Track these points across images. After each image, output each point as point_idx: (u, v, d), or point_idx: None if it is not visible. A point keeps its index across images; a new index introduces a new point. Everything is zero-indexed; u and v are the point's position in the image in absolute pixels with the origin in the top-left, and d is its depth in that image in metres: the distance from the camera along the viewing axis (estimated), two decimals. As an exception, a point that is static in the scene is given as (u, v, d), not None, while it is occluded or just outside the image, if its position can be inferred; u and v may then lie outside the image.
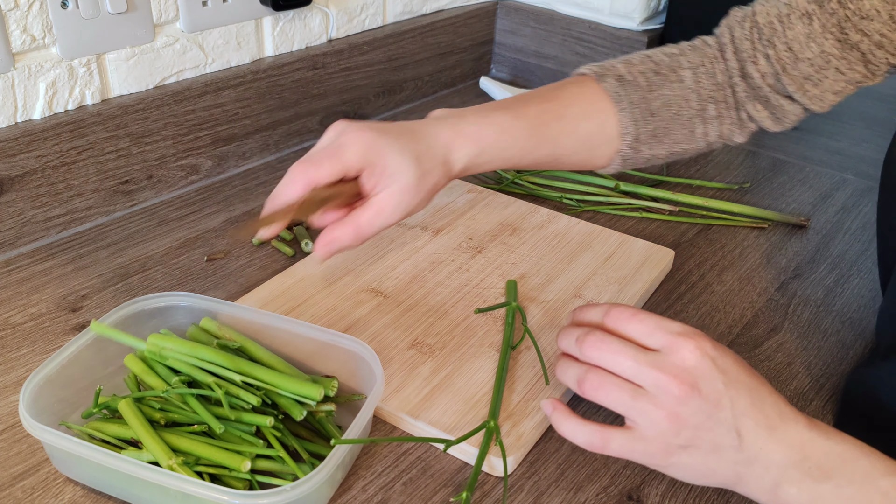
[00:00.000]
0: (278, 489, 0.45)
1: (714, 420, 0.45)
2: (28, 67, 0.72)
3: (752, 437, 0.45)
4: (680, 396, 0.45)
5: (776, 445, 0.45)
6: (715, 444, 0.45)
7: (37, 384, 0.51)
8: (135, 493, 0.51)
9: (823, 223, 0.88)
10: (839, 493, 0.43)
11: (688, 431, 0.45)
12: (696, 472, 0.47)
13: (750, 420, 0.45)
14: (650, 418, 0.46)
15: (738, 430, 0.45)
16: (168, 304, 0.60)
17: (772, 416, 0.45)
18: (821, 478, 0.44)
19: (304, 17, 0.94)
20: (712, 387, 0.45)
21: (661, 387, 0.45)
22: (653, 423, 0.46)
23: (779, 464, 0.45)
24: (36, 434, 0.49)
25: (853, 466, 0.44)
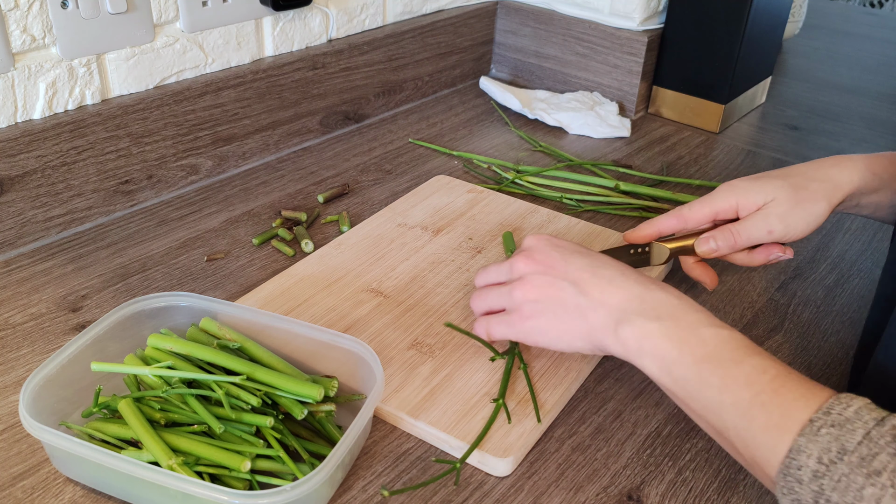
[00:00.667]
0: (278, 489, 0.45)
1: (551, 276, 0.54)
2: (28, 67, 0.72)
3: (592, 287, 0.53)
4: (521, 269, 0.56)
5: (616, 291, 0.52)
6: (558, 298, 0.54)
7: (37, 384, 0.51)
8: (134, 493, 0.51)
9: (824, 223, 0.88)
10: (666, 332, 0.49)
11: (532, 292, 0.55)
12: (555, 331, 0.54)
13: (586, 273, 0.53)
14: (510, 295, 0.56)
15: (574, 281, 0.53)
16: (168, 304, 0.60)
17: (610, 271, 0.53)
18: (653, 318, 0.50)
19: (304, 17, 0.94)
20: (546, 255, 0.56)
21: (511, 268, 0.57)
22: (511, 298, 0.56)
23: (618, 306, 0.51)
24: (36, 434, 0.49)
25: (682, 315, 0.50)
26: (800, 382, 0.45)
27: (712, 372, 0.47)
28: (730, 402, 0.46)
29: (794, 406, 0.44)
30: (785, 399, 0.44)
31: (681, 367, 0.48)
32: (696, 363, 0.48)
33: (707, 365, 0.47)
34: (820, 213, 0.63)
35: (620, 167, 0.97)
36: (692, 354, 0.48)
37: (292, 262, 0.76)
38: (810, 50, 1.47)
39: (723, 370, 0.47)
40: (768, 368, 0.46)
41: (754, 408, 0.45)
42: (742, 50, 1.04)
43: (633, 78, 1.10)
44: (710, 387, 0.47)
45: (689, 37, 1.08)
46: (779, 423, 0.44)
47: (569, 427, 0.59)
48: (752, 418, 0.45)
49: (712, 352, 0.48)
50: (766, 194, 0.63)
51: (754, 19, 1.03)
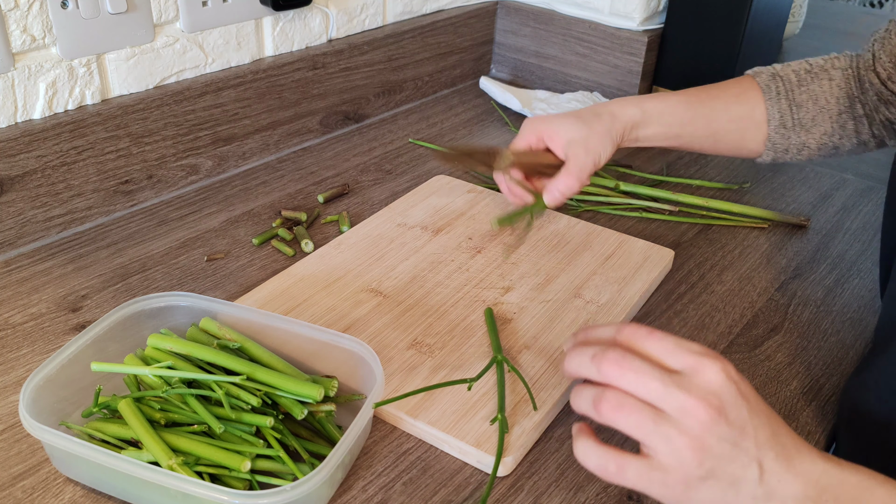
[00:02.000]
0: (278, 489, 0.45)
1: (739, 449, 0.42)
2: (28, 67, 0.72)
3: (772, 469, 0.42)
4: (706, 422, 0.41)
5: (794, 478, 0.42)
6: (735, 476, 0.42)
7: (37, 384, 0.51)
8: (134, 493, 0.51)
9: (823, 223, 0.88)
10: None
11: (710, 461, 0.42)
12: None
13: (771, 451, 0.43)
14: (672, 445, 0.42)
15: (759, 461, 0.42)
16: (168, 304, 0.60)
17: (789, 448, 0.43)
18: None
19: (304, 17, 0.94)
20: (738, 413, 0.42)
21: (688, 410, 0.42)
22: (675, 451, 0.42)
23: (796, 497, 0.42)
24: (36, 434, 0.49)
25: (869, 497, 0.42)
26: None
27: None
28: None
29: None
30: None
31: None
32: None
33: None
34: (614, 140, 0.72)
35: (620, 167, 0.97)
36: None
37: (292, 262, 0.76)
38: (810, 50, 1.47)
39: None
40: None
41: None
42: (742, 50, 1.04)
43: (633, 78, 1.10)
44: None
45: (689, 37, 1.08)
46: None
47: (569, 427, 0.59)
48: None
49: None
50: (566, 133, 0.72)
51: (754, 19, 1.03)
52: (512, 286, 0.72)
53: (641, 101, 0.74)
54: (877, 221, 0.89)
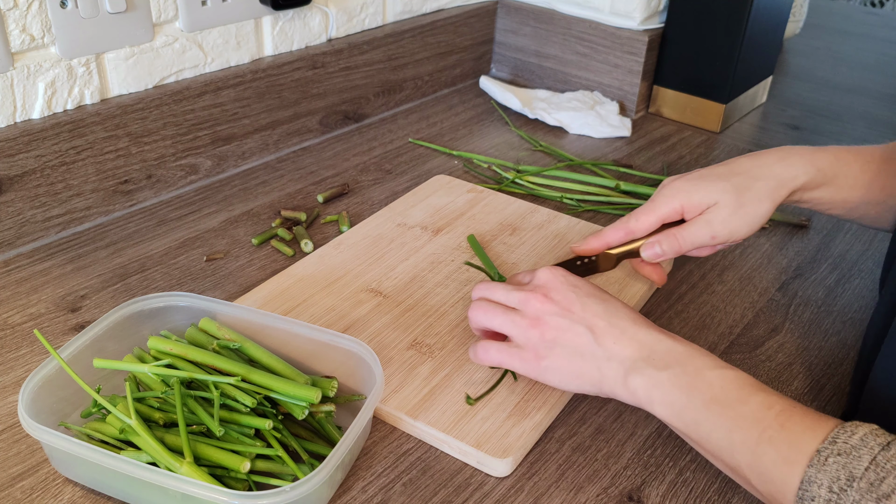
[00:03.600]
0: (278, 490, 0.45)
1: (569, 321, 0.54)
2: (27, 67, 0.72)
3: (607, 337, 0.53)
4: (539, 305, 0.55)
5: (628, 342, 0.53)
6: (574, 343, 0.54)
7: (36, 384, 0.51)
8: (133, 494, 0.50)
9: (824, 223, 0.88)
10: (675, 380, 0.50)
11: (550, 333, 0.54)
12: (567, 374, 0.54)
13: (601, 321, 0.54)
14: (520, 327, 0.56)
15: (590, 328, 0.54)
16: (167, 305, 0.60)
17: (623, 321, 0.54)
18: (661, 367, 0.51)
19: (303, 17, 0.94)
20: (564, 295, 0.56)
21: (526, 301, 0.56)
22: (522, 331, 0.55)
23: (630, 357, 0.52)
24: (35, 434, 0.48)
25: (689, 361, 0.51)
26: (805, 415, 0.47)
27: (721, 413, 0.48)
28: (739, 440, 0.47)
29: (801, 439, 0.45)
30: (792, 433, 0.46)
31: (691, 412, 0.50)
32: (705, 406, 0.49)
33: (715, 407, 0.49)
34: (763, 213, 0.63)
35: (621, 167, 0.97)
36: (700, 398, 0.49)
37: (292, 261, 0.75)
38: (811, 49, 1.47)
39: (731, 410, 0.48)
40: (773, 404, 0.47)
41: (763, 444, 0.46)
42: (743, 49, 1.04)
43: (633, 77, 1.10)
44: (719, 428, 0.48)
45: (689, 36, 1.08)
46: (788, 457, 0.45)
47: (569, 427, 0.59)
48: (762, 454, 0.46)
49: (719, 394, 0.49)
50: (709, 197, 0.63)
51: (755, 19, 1.03)
52: (512, 286, 0.72)
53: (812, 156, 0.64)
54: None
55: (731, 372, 0.50)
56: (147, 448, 0.49)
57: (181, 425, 0.49)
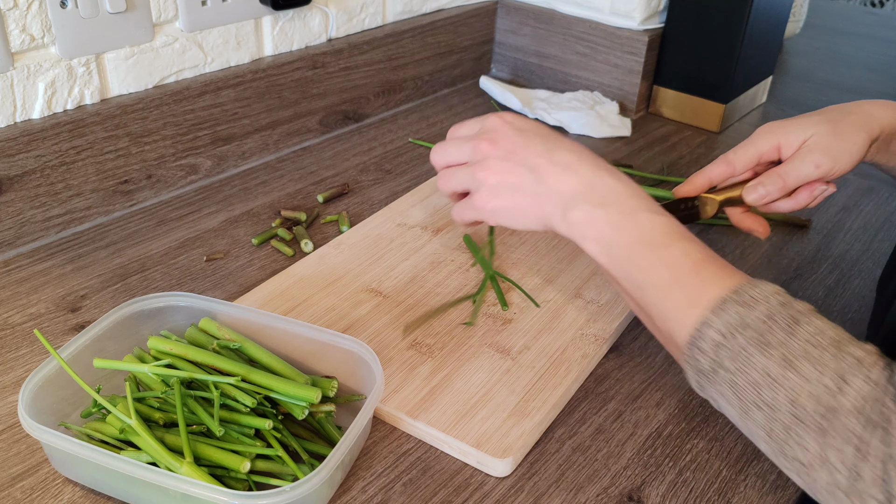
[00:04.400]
0: (278, 490, 0.45)
1: (512, 162, 0.56)
2: (27, 67, 0.72)
3: (548, 174, 0.55)
4: (486, 150, 0.57)
5: (569, 179, 0.54)
6: (518, 183, 0.56)
7: (36, 384, 0.51)
8: (133, 494, 0.50)
9: (824, 223, 0.88)
10: (608, 217, 0.53)
11: (495, 176, 0.57)
12: (514, 213, 0.57)
13: (543, 160, 0.55)
14: (473, 176, 0.58)
15: (532, 167, 0.55)
16: (167, 305, 0.60)
17: (567, 158, 0.55)
18: (598, 204, 0.53)
19: (303, 17, 0.94)
20: (509, 139, 0.57)
21: (475, 149, 0.58)
22: (475, 180, 0.58)
23: (570, 192, 0.54)
24: (35, 434, 0.48)
25: (625, 200, 0.53)
26: (720, 267, 0.50)
27: (642, 254, 0.51)
28: (653, 280, 0.50)
29: (708, 286, 0.48)
30: (702, 279, 0.49)
31: (617, 249, 0.52)
32: (631, 246, 0.52)
33: (639, 247, 0.51)
34: (861, 143, 0.63)
35: (621, 167, 0.97)
36: (628, 237, 0.52)
37: (292, 262, 0.75)
38: (811, 49, 1.47)
39: (652, 253, 0.51)
40: (693, 253, 0.50)
41: (673, 286, 0.49)
42: (743, 49, 1.04)
43: (633, 77, 1.10)
44: (638, 267, 0.51)
45: (689, 36, 1.08)
46: (692, 300, 0.48)
47: (569, 427, 0.59)
48: (670, 295, 0.49)
49: (646, 235, 0.52)
50: (805, 131, 0.64)
51: (755, 18, 1.03)
52: (512, 286, 0.72)
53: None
54: (878, 221, 0.89)
55: (662, 218, 0.52)
56: (147, 448, 0.49)
57: (181, 425, 0.49)
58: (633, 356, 0.67)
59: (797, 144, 0.64)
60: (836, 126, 0.63)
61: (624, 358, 0.66)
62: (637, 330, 0.70)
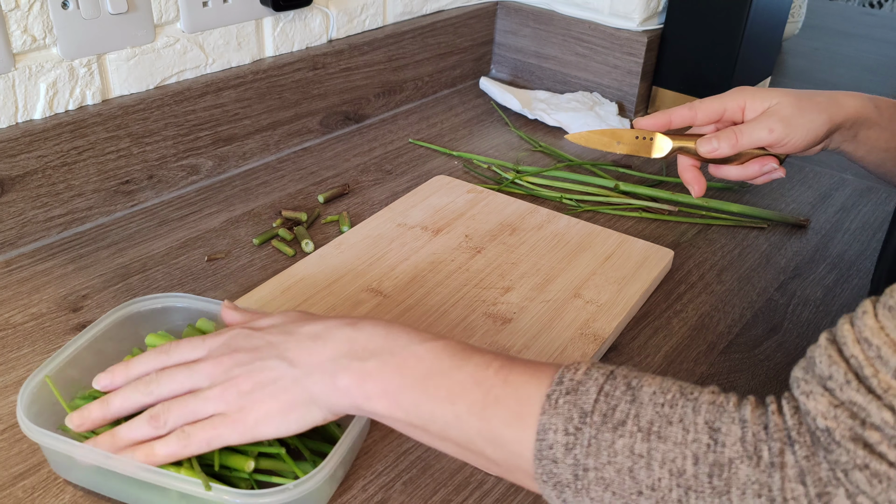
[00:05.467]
0: (280, 488, 0.46)
1: (261, 361, 0.48)
2: (29, 68, 0.72)
3: (299, 353, 0.48)
4: (223, 366, 0.49)
5: (322, 348, 0.48)
6: (273, 378, 0.47)
7: (35, 386, 0.51)
8: (133, 494, 0.51)
9: (823, 223, 0.88)
10: (383, 365, 0.46)
11: (244, 384, 0.48)
12: (280, 411, 0.47)
13: (290, 342, 0.49)
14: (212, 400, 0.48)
15: (283, 356, 0.48)
16: (165, 305, 0.60)
17: (313, 328, 0.49)
18: (366, 356, 0.47)
19: (304, 18, 0.94)
20: (247, 342, 0.50)
21: (210, 373, 0.49)
22: (218, 401, 0.48)
23: (330, 359, 0.47)
24: (34, 437, 0.48)
25: (393, 342, 0.47)
26: (525, 366, 0.44)
27: (438, 386, 0.45)
28: (464, 409, 0.44)
29: (527, 390, 0.43)
30: (516, 386, 0.43)
31: (408, 394, 0.45)
32: (421, 383, 0.45)
33: (431, 381, 0.45)
34: (819, 123, 0.64)
35: (620, 167, 0.97)
36: (413, 376, 0.45)
37: (293, 262, 0.76)
38: (810, 50, 1.47)
39: (447, 380, 0.45)
40: (490, 362, 0.45)
41: (489, 406, 0.43)
42: (742, 50, 1.04)
43: (632, 78, 1.10)
44: (440, 402, 0.44)
45: (688, 37, 1.08)
46: (518, 412, 0.42)
47: (568, 427, 0.59)
48: (492, 417, 0.43)
49: (432, 366, 0.45)
50: (771, 99, 0.65)
51: (754, 19, 1.03)
52: (512, 286, 0.72)
53: (865, 98, 0.66)
54: (876, 221, 0.89)
55: (439, 342, 0.47)
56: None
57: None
58: (632, 356, 0.67)
59: (761, 110, 0.66)
60: (800, 101, 0.65)
61: (623, 357, 0.67)
62: (636, 330, 0.70)
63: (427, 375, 0.45)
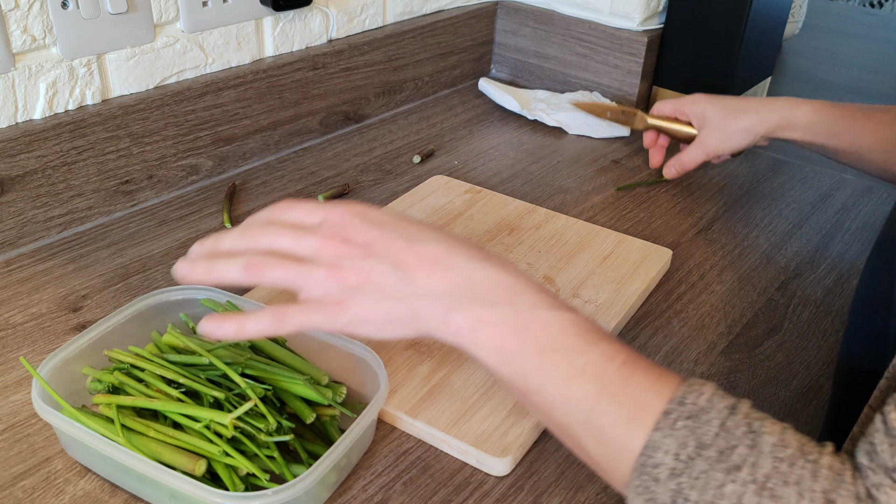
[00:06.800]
0: (260, 493, 0.45)
1: (372, 261, 0.46)
2: (28, 67, 0.72)
3: (416, 270, 0.46)
4: (334, 251, 0.47)
5: (442, 274, 0.46)
6: (381, 284, 0.46)
7: (54, 366, 0.53)
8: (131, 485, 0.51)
9: (823, 223, 0.88)
10: (503, 319, 0.44)
11: (351, 278, 0.46)
12: (378, 319, 0.46)
13: (410, 255, 0.46)
14: (314, 279, 0.46)
15: (397, 264, 0.46)
16: (185, 298, 0.61)
17: (436, 253, 0.46)
18: (487, 302, 0.45)
19: (304, 18, 0.94)
20: (363, 234, 0.47)
21: (317, 248, 0.47)
22: (318, 283, 0.46)
23: (447, 293, 0.45)
24: (47, 418, 0.49)
25: (519, 297, 0.45)
26: (647, 368, 0.43)
27: (556, 363, 0.43)
28: (576, 395, 0.42)
29: (646, 397, 0.41)
30: (634, 388, 0.42)
31: (520, 359, 0.44)
32: (538, 353, 0.43)
33: (549, 355, 0.43)
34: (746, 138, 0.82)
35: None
36: (533, 344, 0.44)
37: (292, 262, 0.76)
38: (810, 50, 1.47)
39: (567, 360, 0.43)
40: (615, 355, 0.43)
41: (603, 401, 0.42)
42: (742, 50, 1.04)
43: (632, 78, 1.10)
44: (553, 379, 0.43)
45: (689, 37, 1.08)
46: (630, 416, 0.41)
47: (568, 427, 0.59)
48: (602, 413, 0.42)
49: (556, 339, 0.43)
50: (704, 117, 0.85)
51: (754, 19, 1.03)
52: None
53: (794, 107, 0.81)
54: (876, 222, 0.89)
55: (568, 314, 0.44)
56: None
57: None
58: (632, 356, 0.67)
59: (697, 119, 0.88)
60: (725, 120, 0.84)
61: (623, 357, 0.67)
62: (636, 330, 0.70)
63: (547, 348, 0.43)
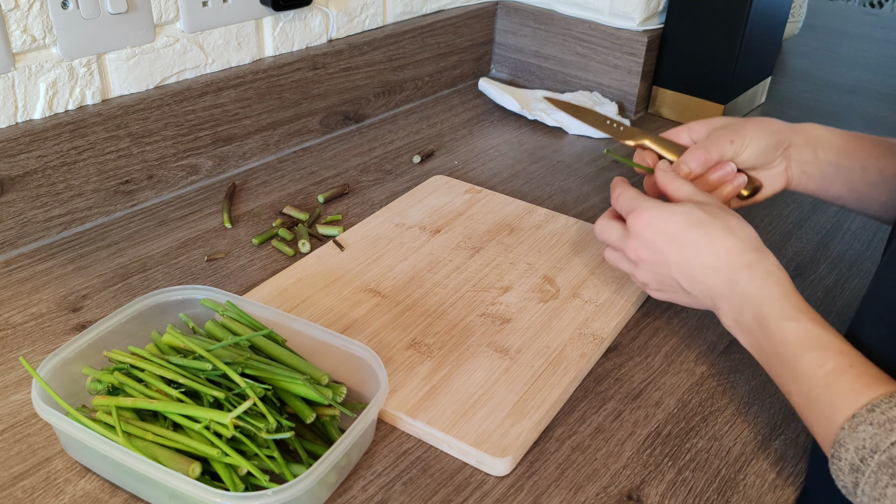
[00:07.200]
0: (260, 493, 0.45)
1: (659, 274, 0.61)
2: (28, 67, 0.72)
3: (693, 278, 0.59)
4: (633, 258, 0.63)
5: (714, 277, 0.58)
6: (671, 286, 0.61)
7: (54, 366, 0.53)
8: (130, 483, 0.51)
9: (823, 223, 0.88)
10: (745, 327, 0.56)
11: (652, 282, 0.63)
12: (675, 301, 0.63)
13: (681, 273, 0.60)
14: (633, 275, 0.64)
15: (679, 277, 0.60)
16: (186, 298, 0.61)
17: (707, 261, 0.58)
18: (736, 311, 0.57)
19: (304, 18, 0.94)
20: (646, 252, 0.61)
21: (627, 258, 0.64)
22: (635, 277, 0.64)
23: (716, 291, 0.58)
24: (47, 418, 0.49)
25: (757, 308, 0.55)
26: (855, 376, 0.49)
27: (780, 364, 0.53)
28: (794, 391, 0.52)
29: (841, 402, 0.48)
30: (834, 393, 0.49)
31: (760, 356, 0.56)
32: (769, 356, 0.54)
33: (776, 358, 0.54)
34: (774, 132, 0.68)
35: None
36: (765, 348, 0.55)
37: (291, 261, 0.76)
38: (810, 50, 1.47)
39: (787, 364, 0.52)
40: (825, 362, 0.50)
41: (811, 400, 0.50)
42: (742, 50, 1.04)
43: (632, 78, 1.10)
44: (780, 376, 0.54)
45: (689, 37, 1.08)
46: (827, 416, 0.49)
47: (569, 427, 0.59)
48: (811, 408, 0.50)
49: (779, 347, 0.53)
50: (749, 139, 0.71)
51: (754, 19, 1.03)
52: (510, 286, 0.72)
53: (818, 134, 0.70)
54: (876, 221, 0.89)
55: (793, 324, 0.53)
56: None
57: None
58: (632, 356, 0.67)
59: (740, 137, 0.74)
60: (759, 121, 0.72)
61: (623, 357, 0.67)
62: (636, 330, 0.70)
63: (774, 353, 0.54)
